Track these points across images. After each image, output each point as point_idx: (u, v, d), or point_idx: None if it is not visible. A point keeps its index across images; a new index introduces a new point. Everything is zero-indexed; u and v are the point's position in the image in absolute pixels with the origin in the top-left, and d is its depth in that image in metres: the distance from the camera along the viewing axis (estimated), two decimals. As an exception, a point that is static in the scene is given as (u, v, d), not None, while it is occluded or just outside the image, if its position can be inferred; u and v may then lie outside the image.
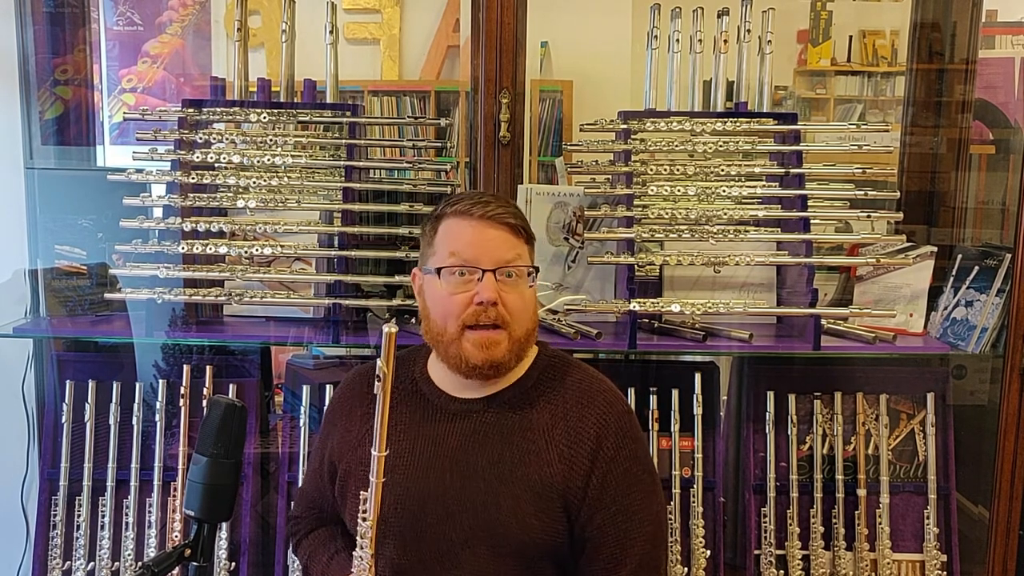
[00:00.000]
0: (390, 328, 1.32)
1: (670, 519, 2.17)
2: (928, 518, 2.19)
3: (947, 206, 2.52)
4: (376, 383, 1.33)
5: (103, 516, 2.20)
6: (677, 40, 2.21)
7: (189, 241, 2.07)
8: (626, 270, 2.08)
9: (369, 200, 2.15)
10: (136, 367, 2.22)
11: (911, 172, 2.56)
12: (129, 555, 2.20)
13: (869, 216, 2.12)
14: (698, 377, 2.18)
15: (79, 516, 2.21)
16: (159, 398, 2.20)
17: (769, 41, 2.19)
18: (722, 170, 2.13)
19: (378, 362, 1.32)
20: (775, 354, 2.16)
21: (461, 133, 4.04)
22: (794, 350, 2.13)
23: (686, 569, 2.17)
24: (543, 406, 1.55)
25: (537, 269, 1.57)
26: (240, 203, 2.09)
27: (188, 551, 1.36)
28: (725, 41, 2.20)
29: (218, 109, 2.17)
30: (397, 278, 2.09)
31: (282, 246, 2.08)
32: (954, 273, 2.24)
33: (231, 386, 2.19)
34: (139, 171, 2.12)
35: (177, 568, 1.35)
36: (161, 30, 4.07)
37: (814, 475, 2.21)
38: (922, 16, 2.55)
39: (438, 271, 1.51)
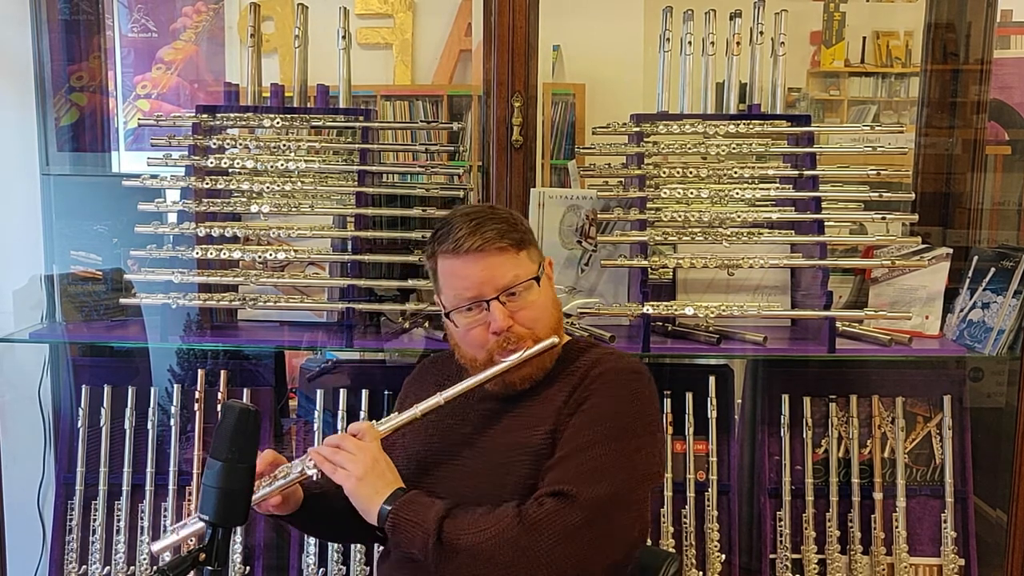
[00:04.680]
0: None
1: (684, 523, 2.16)
2: (945, 522, 2.18)
3: (963, 207, 2.50)
4: None
5: (119, 520, 2.21)
6: (689, 43, 2.21)
7: (203, 246, 2.08)
8: (639, 273, 2.08)
9: (382, 204, 2.15)
10: (151, 372, 2.23)
11: (926, 173, 2.55)
12: (144, 559, 2.21)
13: (884, 218, 2.11)
14: (712, 380, 2.18)
15: (95, 520, 2.22)
16: (174, 403, 2.21)
17: (782, 43, 2.19)
18: (735, 172, 2.12)
19: None
20: (790, 357, 2.15)
21: (474, 137, 4.04)
22: (809, 353, 2.12)
23: (701, 573, 2.16)
24: (560, 383, 1.56)
25: (538, 278, 1.56)
26: (254, 208, 2.10)
27: (203, 555, 1.36)
28: (738, 43, 2.19)
29: (232, 115, 2.18)
30: (410, 282, 2.10)
31: (295, 250, 2.09)
32: (970, 275, 2.22)
33: (245, 390, 2.20)
34: (154, 177, 2.13)
35: (192, 572, 1.36)
36: (175, 36, 4.10)
37: (830, 478, 2.19)
38: (936, 16, 2.54)
39: (448, 315, 1.56)
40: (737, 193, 2.12)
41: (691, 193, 2.11)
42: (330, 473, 1.47)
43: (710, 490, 2.17)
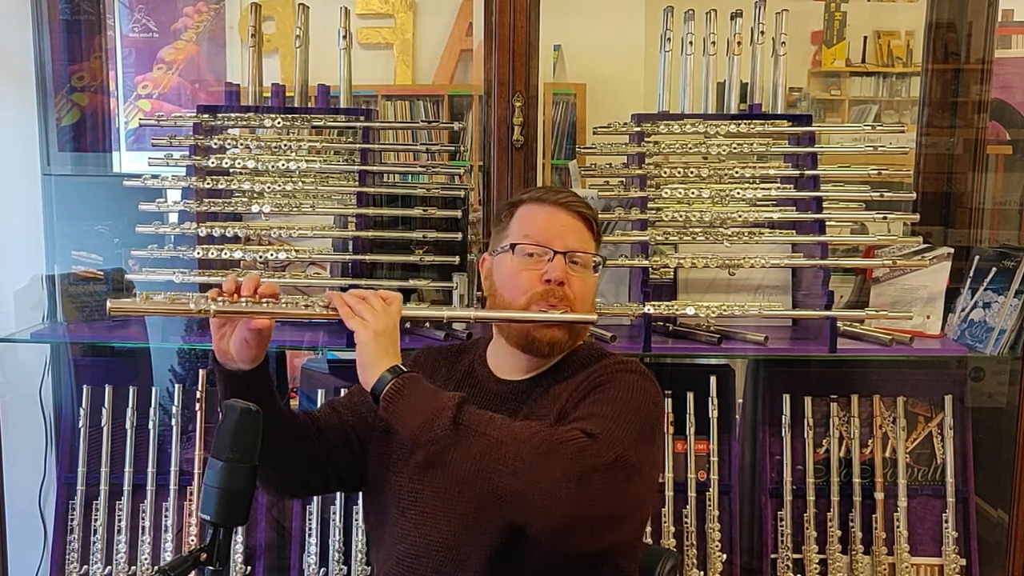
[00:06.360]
0: None
1: (686, 522, 2.16)
2: (946, 522, 2.18)
3: (964, 207, 2.50)
4: None
5: (120, 520, 2.21)
6: (690, 42, 2.21)
7: (204, 246, 2.08)
8: (640, 273, 2.08)
9: (383, 204, 2.15)
10: (152, 372, 2.24)
11: (927, 173, 2.55)
12: (145, 559, 2.21)
13: (885, 218, 2.11)
14: (713, 380, 2.18)
15: (96, 520, 2.22)
16: (175, 403, 2.21)
17: (783, 42, 2.18)
18: (736, 172, 2.12)
19: None
20: (791, 357, 2.15)
21: (475, 137, 4.04)
22: (810, 353, 2.12)
23: (702, 573, 2.16)
24: (568, 380, 1.57)
25: (603, 260, 1.61)
26: (255, 208, 2.10)
27: (204, 555, 1.36)
28: (739, 43, 2.19)
29: (233, 115, 2.18)
30: (411, 282, 2.10)
31: (296, 250, 2.09)
32: (971, 274, 2.22)
33: (246, 390, 2.20)
34: (155, 177, 2.13)
35: (193, 572, 1.36)
36: (176, 36, 4.10)
37: (831, 478, 2.19)
38: (937, 16, 2.54)
39: (512, 247, 1.57)
40: (738, 193, 2.12)
41: (692, 193, 2.11)
42: (346, 317, 1.44)
43: (711, 490, 2.17)
